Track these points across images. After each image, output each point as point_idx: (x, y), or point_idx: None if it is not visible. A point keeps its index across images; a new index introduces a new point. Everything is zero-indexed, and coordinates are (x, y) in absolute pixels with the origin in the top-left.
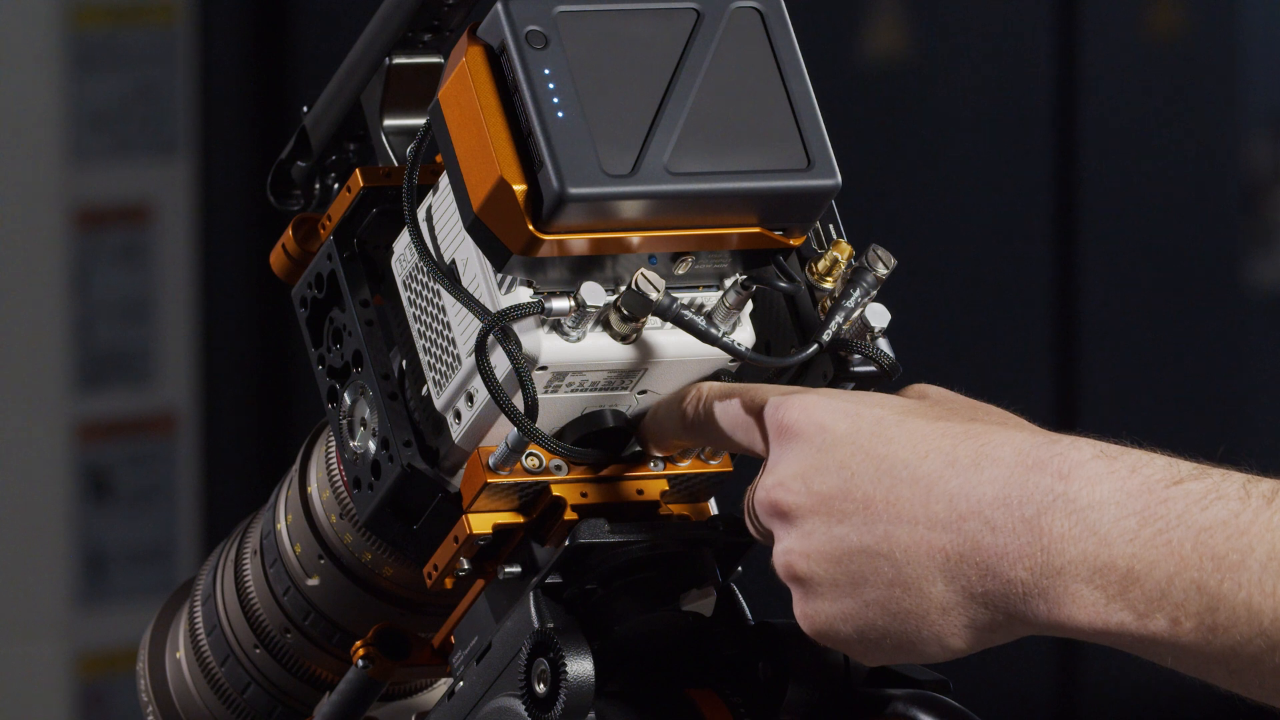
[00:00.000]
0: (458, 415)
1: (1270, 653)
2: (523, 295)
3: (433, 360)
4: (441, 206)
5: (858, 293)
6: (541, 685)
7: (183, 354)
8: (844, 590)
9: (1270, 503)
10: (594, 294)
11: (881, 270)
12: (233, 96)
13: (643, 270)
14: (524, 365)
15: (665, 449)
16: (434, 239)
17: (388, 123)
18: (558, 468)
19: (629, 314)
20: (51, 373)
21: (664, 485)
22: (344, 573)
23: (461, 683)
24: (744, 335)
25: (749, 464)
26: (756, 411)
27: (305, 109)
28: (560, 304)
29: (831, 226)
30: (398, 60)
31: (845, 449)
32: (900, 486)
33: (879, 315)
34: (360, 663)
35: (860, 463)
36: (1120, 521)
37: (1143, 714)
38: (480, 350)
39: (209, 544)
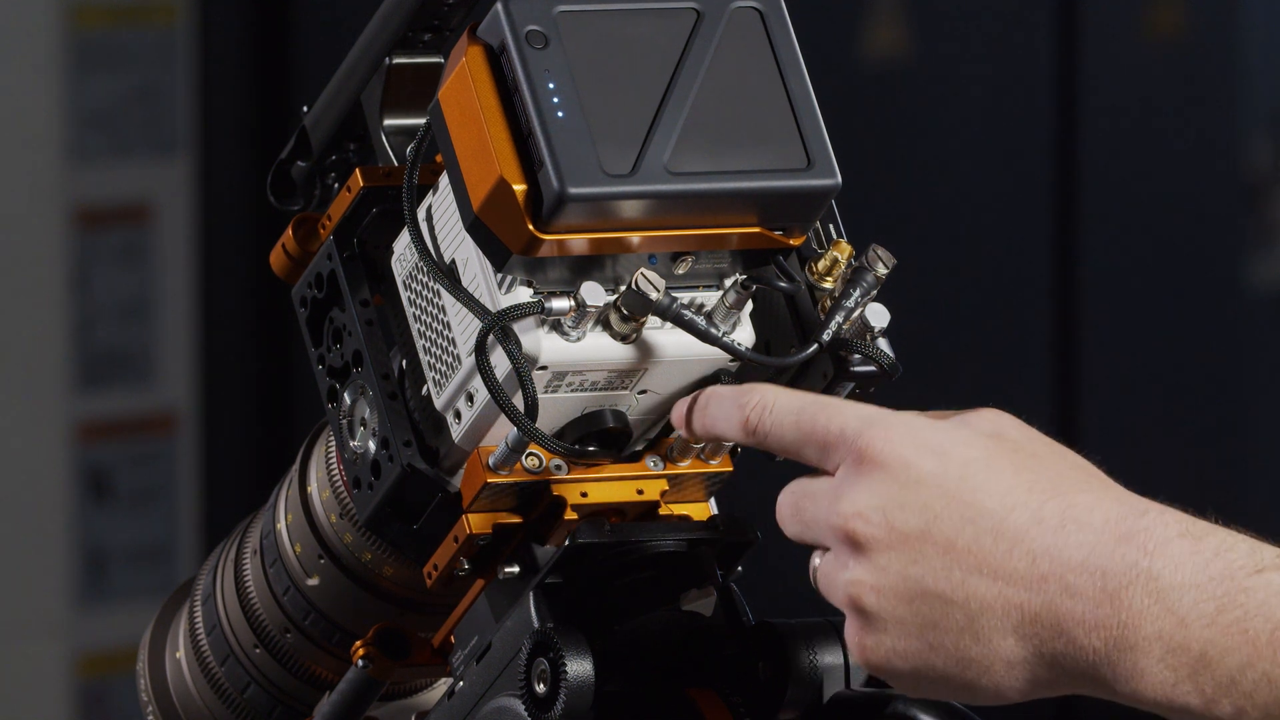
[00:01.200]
0: (458, 415)
1: None
2: (523, 295)
3: (433, 360)
4: (441, 206)
5: (858, 292)
6: (541, 685)
7: (183, 354)
8: (910, 630)
9: None
10: (594, 294)
11: (881, 270)
12: (233, 96)
13: (643, 270)
14: (524, 365)
15: (702, 440)
16: (434, 239)
17: (388, 122)
18: (558, 467)
19: (629, 314)
20: (51, 373)
21: (664, 485)
22: (344, 572)
23: (461, 683)
24: (744, 335)
25: (748, 463)
26: (835, 433)
27: (305, 109)
28: (560, 304)
29: (831, 226)
30: (398, 60)
31: (930, 490)
32: (984, 537)
33: (879, 315)
34: (360, 662)
35: (944, 506)
36: (1199, 605)
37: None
38: (480, 350)
39: (209, 544)
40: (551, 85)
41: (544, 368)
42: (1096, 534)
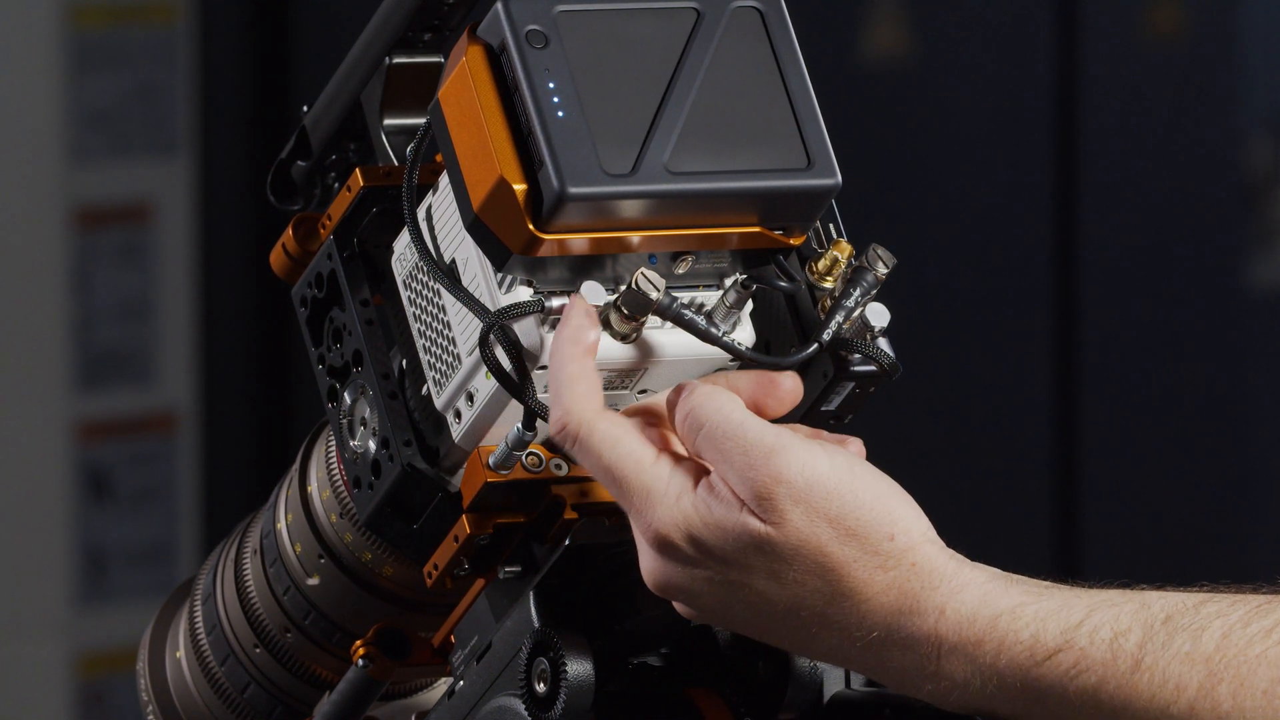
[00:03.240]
0: (458, 415)
1: None
2: (523, 294)
3: (433, 360)
4: (441, 206)
5: (858, 292)
6: (541, 685)
7: (183, 354)
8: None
9: (1137, 666)
10: (594, 293)
11: (881, 270)
12: (233, 96)
13: (643, 270)
14: (524, 364)
15: None
16: (434, 238)
17: (388, 122)
18: (558, 467)
19: (629, 313)
20: (51, 373)
21: None
22: (344, 572)
23: (461, 682)
24: (744, 335)
25: None
26: (737, 473)
27: (305, 109)
28: (560, 303)
29: (831, 226)
30: (398, 60)
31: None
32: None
33: (879, 315)
34: (360, 662)
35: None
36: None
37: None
38: (484, 346)
39: (209, 544)
40: (551, 85)
41: (544, 367)
42: (879, 638)
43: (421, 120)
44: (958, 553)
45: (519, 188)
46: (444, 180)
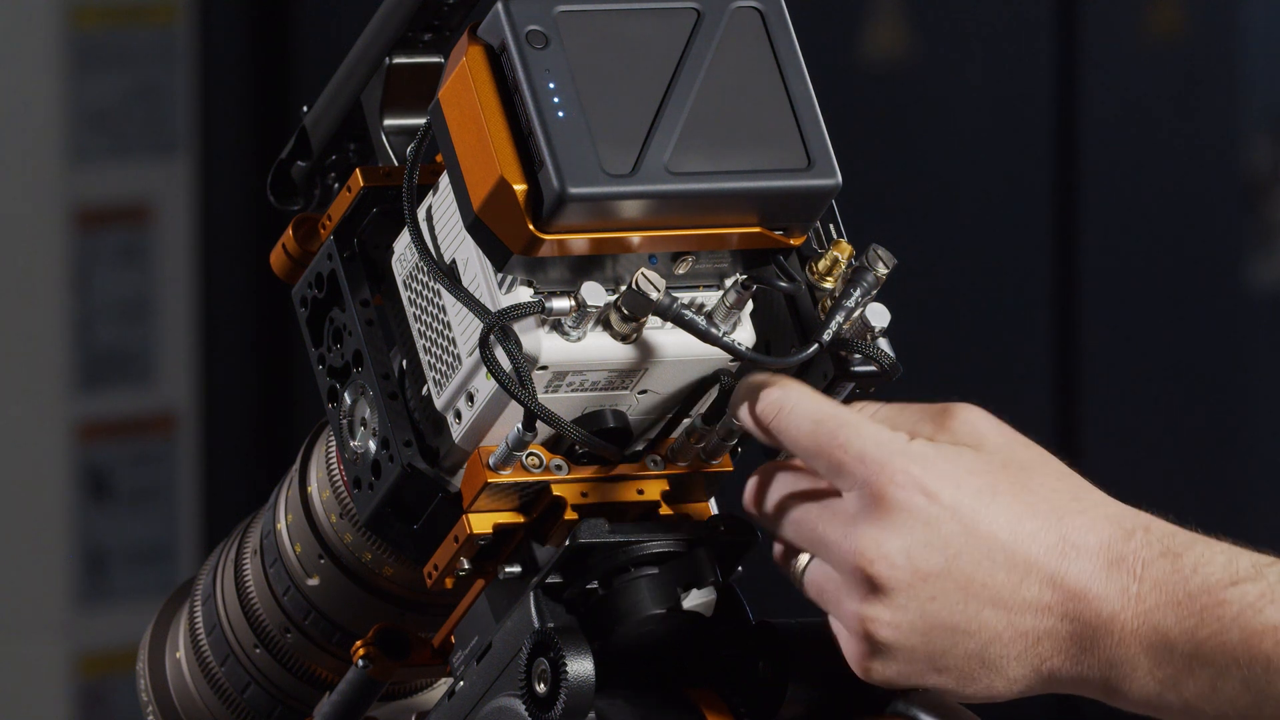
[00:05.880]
0: (458, 415)
1: None
2: (523, 295)
3: (433, 360)
4: (442, 206)
5: (858, 292)
6: (542, 685)
7: (183, 354)
8: (919, 658)
9: None
10: (594, 294)
11: (882, 270)
12: (233, 96)
13: (643, 270)
14: (524, 365)
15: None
16: (434, 239)
17: (388, 123)
18: (558, 467)
19: (629, 314)
20: (51, 373)
21: (664, 485)
22: (344, 572)
23: (462, 682)
24: (744, 335)
25: (749, 463)
26: (853, 457)
27: (305, 109)
28: (560, 304)
29: (832, 226)
30: (398, 60)
31: (948, 526)
32: (998, 571)
33: (879, 315)
34: (360, 663)
35: (963, 542)
36: (1181, 621)
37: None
38: (484, 347)
39: (209, 544)
40: (552, 85)
41: (544, 368)
42: (1092, 560)
43: (421, 120)
44: None
45: (519, 188)
46: (444, 180)
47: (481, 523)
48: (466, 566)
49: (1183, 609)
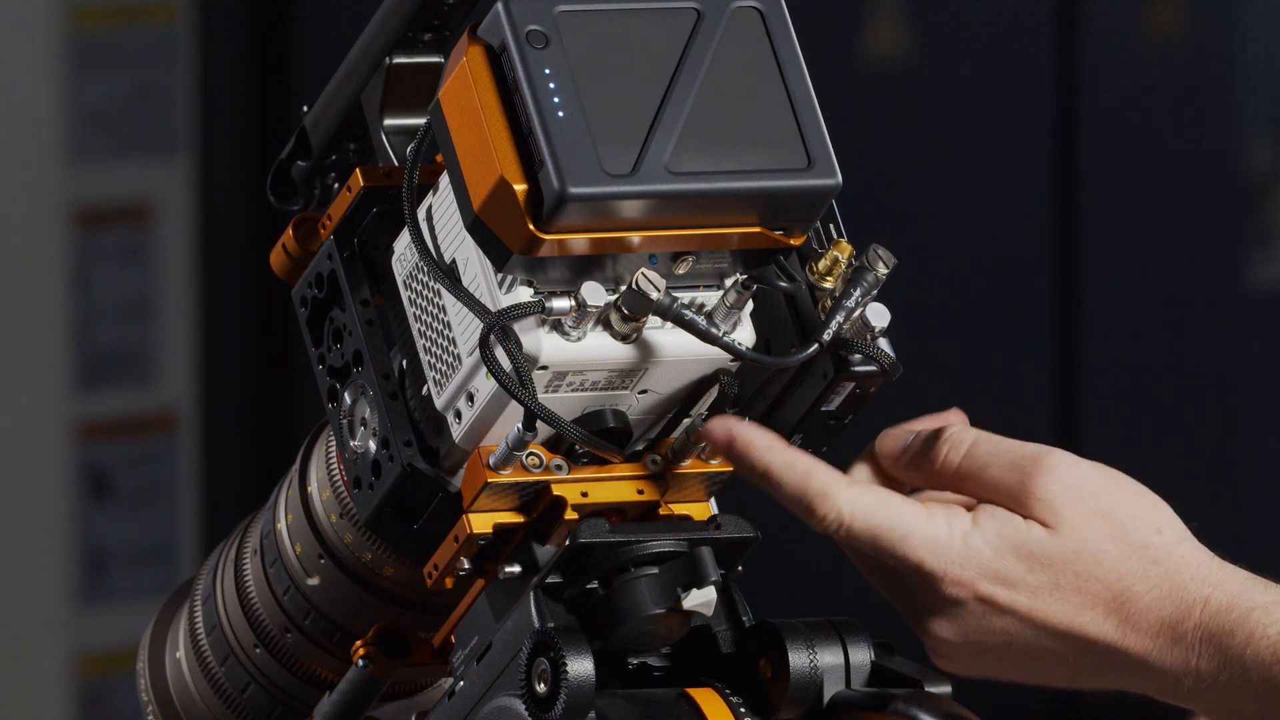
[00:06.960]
0: (458, 415)
1: None
2: (523, 295)
3: (433, 360)
4: (442, 206)
5: (858, 292)
6: (542, 685)
7: (183, 354)
8: (986, 662)
9: None
10: (594, 294)
11: (882, 270)
12: (233, 96)
13: (643, 270)
14: (524, 365)
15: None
16: (434, 239)
17: (388, 123)
18: (558, 467)
19: (629, 313)
20: (51, 373)
21: (664, 485)
22: (344, 572)
23: (462, 682)
24: (744, 335)
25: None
26: (910, 569)
27: (305, 109)
28: (561, 303)
29: (832, 226)
30: (398, 60)
31: (1003, 620)
32: (1057, 643)
33: (879, 315)
34: (360, 662)
35: (1018, 629)
36: (1240, 691)
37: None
38: (484, 347)
39: (209, 544)
40: (552, 85)
41: (544, 367)
42: (1153, 639)
43: (421, 120)
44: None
45: (519, 188)
46: (444, 180)
47: (481, 522)
48: (466, 566)
49: (1237, 681)
